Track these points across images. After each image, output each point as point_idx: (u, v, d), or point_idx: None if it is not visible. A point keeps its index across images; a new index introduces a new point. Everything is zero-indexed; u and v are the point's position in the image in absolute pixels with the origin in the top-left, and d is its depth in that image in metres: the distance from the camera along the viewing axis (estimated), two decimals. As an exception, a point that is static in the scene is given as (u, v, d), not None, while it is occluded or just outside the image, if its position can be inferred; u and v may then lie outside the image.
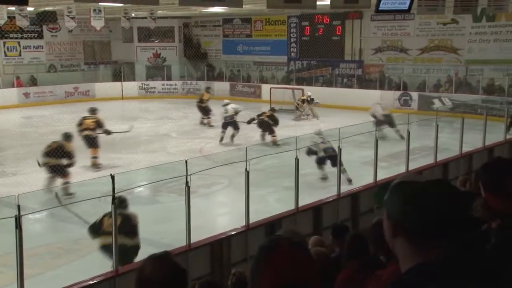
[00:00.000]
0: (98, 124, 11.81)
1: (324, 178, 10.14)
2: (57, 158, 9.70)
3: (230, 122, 14.16)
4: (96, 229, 6.21)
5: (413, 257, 1.47)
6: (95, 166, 11.42)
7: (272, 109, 15.04)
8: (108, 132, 12.13)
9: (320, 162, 10.24)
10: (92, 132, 11.69)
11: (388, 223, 1.52)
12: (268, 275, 1.33)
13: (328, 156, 9.97)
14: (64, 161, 9.76)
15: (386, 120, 13.68)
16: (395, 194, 1.52)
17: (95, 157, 11.57)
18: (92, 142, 11.58)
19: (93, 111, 12.35)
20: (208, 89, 18.27)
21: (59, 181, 9.62)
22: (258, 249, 1.40)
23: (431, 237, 1.47)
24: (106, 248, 6.00)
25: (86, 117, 12.14)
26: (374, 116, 13.83)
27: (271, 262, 1.34)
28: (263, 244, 1.40)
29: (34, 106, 20.85)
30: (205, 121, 16.75)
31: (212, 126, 16.15)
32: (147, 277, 1.94)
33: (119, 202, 5.82)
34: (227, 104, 14.70)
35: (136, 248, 6.05)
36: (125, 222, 5.98)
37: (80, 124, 11.89)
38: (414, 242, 1.47)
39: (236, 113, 14.38)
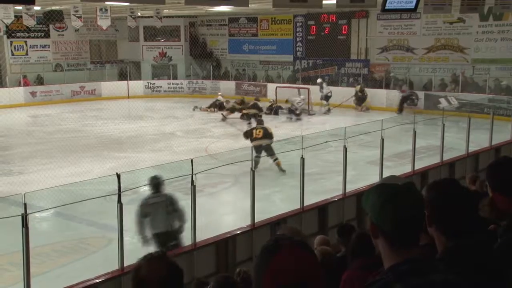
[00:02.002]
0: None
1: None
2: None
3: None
4: (248, 136, 11.30)
5: (392, 256, 1.55)
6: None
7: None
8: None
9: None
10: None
11: (370, 224, 1.59)
12: (272, 275, 1.32)
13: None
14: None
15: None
16: (373, 196, 1.59)
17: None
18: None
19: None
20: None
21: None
22: (260, 250, 1.40)
23: (407, 238, 1.54)
24: (257, 147, 10.66)
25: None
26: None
27: (274, 263, 1.33)
28: (265, 244, 1.40)
29: (40, 105, 20.94)
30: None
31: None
32: (144, 277, 1.93)
33: (259, 122, 12.22)
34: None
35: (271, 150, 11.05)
36: (265, 131, 11.18)
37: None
38: (392, 243, 1.54)
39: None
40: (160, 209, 6.06)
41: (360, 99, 19.68)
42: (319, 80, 20.11)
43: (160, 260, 1.99)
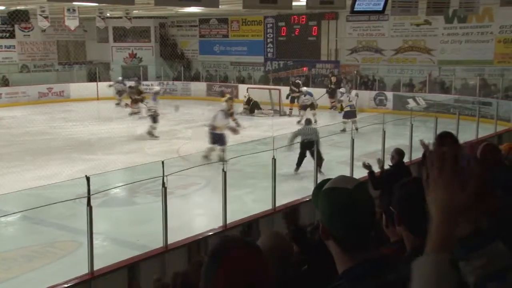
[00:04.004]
0: None
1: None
2: None
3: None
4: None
5: (344, 260, 1.51)
6: None
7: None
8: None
9: None
10: None
11: (321, 226, 1.56)
12: (221, 277, 1.31)
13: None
14: None
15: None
16: (323, 201, 1.55)
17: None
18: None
19: None
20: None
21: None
22: (209, 252, 1.38)
23: (359, 241, 1.50)
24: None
25: None
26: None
27: (223, 264, 1.32)
28: (214, 246, 1.38)
29: (6, 106, 20.44)
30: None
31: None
32: (192, 282, 1.91)
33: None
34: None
35: None
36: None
37: None
38: (344, 247, 1.51)
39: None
40: (309, 131, 10.70)
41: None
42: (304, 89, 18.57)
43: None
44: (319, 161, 9.55)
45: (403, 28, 20.39)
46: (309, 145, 10.27)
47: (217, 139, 11.66)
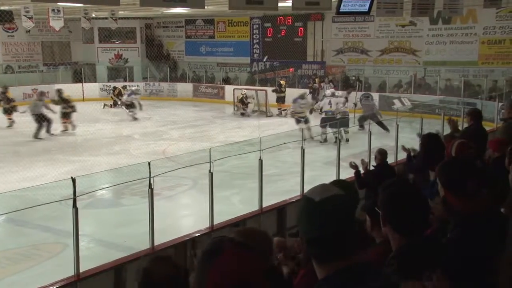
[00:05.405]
0: None
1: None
2: None
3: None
4: None
5: (319, 268, 1.47)
6: None
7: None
8: None
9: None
10: None
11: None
12: (216, 278, 1.31)
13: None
14: None
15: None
16: (299, 208, 1.52)
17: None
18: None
19: None
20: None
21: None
22: (202, 252, 1.37)
23: (325, 254, 1.45)
24: None
25: None
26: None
27: (218, 265, 1.32)
28: (207, 247, 1.38)
29: (-10, 108, 20.16)
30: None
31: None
32: (153, 278, 1.95)
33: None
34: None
35: None
36: None
37: None
38: (314, 256, 1.48)
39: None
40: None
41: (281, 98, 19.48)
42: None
43: (167, 261, 2.04)
44: (384, 126, 12.76)
45: (388, 29, 20.54)
46: (370, 117, 12.29)
47: (344, 122, 13.50)
